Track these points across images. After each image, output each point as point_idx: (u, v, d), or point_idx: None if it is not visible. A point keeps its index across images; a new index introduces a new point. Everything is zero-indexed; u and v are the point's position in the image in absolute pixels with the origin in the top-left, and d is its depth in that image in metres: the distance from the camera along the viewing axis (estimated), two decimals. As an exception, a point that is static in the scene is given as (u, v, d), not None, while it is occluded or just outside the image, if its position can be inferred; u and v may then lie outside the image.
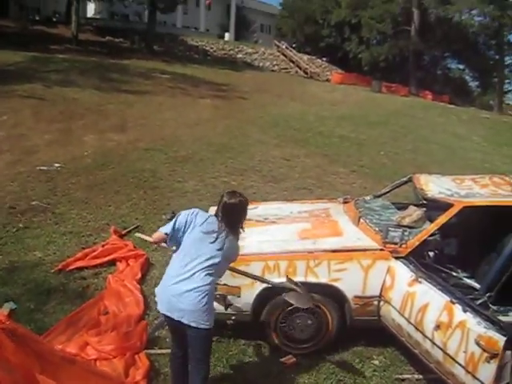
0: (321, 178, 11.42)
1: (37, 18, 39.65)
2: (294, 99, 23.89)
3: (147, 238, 4.11)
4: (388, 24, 46.16)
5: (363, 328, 5.21)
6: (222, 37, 46.94)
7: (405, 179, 6.51)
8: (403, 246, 4.95)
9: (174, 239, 3.95)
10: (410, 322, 4.56)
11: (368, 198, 6.62)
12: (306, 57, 47.85)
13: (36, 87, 17.61)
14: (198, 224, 3.93)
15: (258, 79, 29.81)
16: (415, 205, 5.85)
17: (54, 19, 40.10)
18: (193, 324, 3.76)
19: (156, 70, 25.25)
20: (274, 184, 10.49)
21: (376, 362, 5.12)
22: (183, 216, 3.97)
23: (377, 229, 5.29)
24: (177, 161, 11.19)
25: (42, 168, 10.23)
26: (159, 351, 4.95)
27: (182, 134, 13.86)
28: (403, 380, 4.89)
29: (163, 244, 4.11)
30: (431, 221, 5.28)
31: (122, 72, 23.33)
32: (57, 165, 10.47)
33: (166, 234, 3.96)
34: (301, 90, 28.43)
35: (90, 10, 44.72)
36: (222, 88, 23.61)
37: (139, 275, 6.21)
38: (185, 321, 3.76)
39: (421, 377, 4.92)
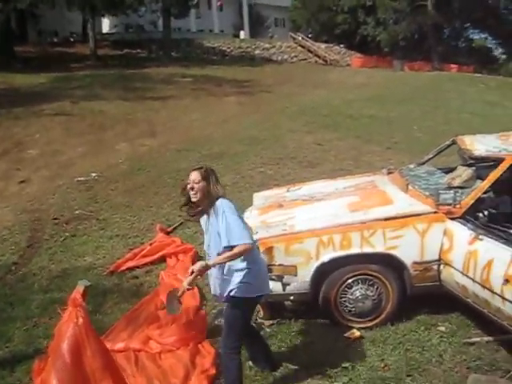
0: (357, 158, 11.28)
1: (55, 40, 40.31)
2: (317, 87, 23.72)
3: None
4: (403, 1, 45.44)
5: (424, 295, 5.09)
6: (238, 36, 46.89)
7: (448, 142, 6.35)
8: (457, 206, 4.81)
9: None
10: (475, 281, 4.41)
11: (412, 166, 6.47)
12: (323, 45, 47.47)
13: (63, 104, 17.87)
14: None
15: (278, 72, 29.73)
16: (463, 165, 5.69)
17: (72, 39, 40.68)
18: None
19: (177, 75, 25.38)
20: (311, 169, 10.41)
21: (442, 329, 4.99)
22: (237, 213, 3.83)
23: (427, 193, 5.15)
24: (211, 157, 11.18)
25: (79, 179, 10.36)
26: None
27: (212, 132, 13.88)
28: (473, 344, 4.74)
29: None
30: (482, 179, 5.13)
31: (144, 80, 23.52)
32: (94, 174, 10.58)
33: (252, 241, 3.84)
34: (323, 77, 28.21)
35: (105, 25, 45.23)
36: (245, 84, 23.58)
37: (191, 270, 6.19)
38: None
39: (491, 338, 4.77)
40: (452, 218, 4.78)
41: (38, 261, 7.06)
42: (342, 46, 48.96)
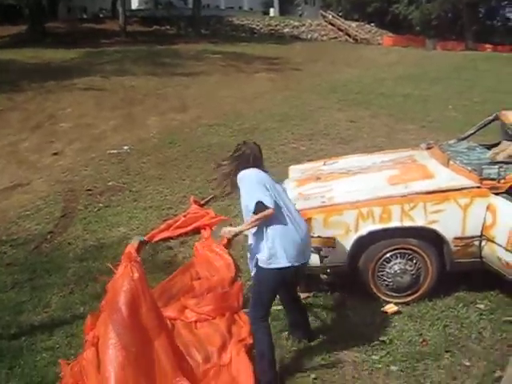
0: (390, 135, 11.09)
1: (84, 17, 40.52)
2: (348, 65, 23.36)
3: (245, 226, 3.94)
4: (438, -22, 44.44)
5: (464, 272, 4.99)
6: (267, 13, 46.43)
7: (490, 118, 6.17)
8: (502, 181, 4.69)
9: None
10: (519, 257, 4.31)
11: (452, 141, 6.32)
12: (354, 24, 46.82)
13: (94, 79, 17.94)
14: (266, 177, 3.93)
15: (308, 50, 29.32)
16: (507, 140, 5.53)
17: (101, 15, 40.79)
18: (309, 258, 4.13)
19: (206, 52, 25.24)
20: (343, 145, 10.27)
21: (481, 306, 4.89)
22: (257, 181, 3.86)
23: (469, 168, 5.02)
24: (242, 133, 11.10)
25: (112, 152, 10.39)
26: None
27: (243, 108, 13.78)
28: (513, 322, 4.66)
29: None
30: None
31: (174, 56, 23.45)
32: (126, 147, 10.61)
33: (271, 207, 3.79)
34: (354, 55, 27.78)
35: (135, 2, 45.14)
36: (274, 62, 23.32)
37: (225, 240, 6.17)
38: (308, 258, 4.08)
39: (532, 317, 4.68)
40: (496, 193, 4.67)
41: (73, 230, 7.14)
42: (372, 24, 48.19)
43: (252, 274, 4.06)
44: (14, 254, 6.55)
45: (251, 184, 3.84)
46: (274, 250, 3.79)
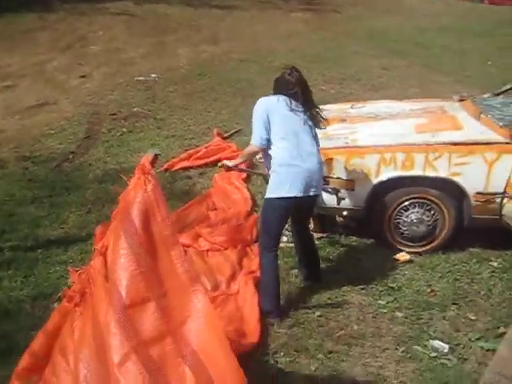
0: (423, 86, 10.75)
1: None
2: (390, 12, 22.47)
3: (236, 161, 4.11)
4: None
5: (480, 228, 4.91)
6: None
7: (530, 74, 5.94)
8: (533, 139, 4.54)
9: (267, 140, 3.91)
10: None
11: (486, 95, 6.12)
12: (399, -31, 44.92)
13: (127, 4, 17.54)
14: (279, 107, 3.89)
15: (349, -8, 28.35)
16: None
17: None
18: (319, 192, 4.08)
19: (244, -14, 24.55)
20: (374, 92, 10.01)
21: (494, 264, 4.83)
22: (260, 114, 3.90)
23: (501, 123, 4.85)
24: (272, 71, 10.71)
25: (139, 78, 10.31)
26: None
27: (276, 46, 13.46)
28: (525, 282, 4.61)
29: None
30: None
31: (210, -12, 22.88)
32: (153, 75, 10.50)
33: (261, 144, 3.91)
34: (397, 2, 26.75)
35: None
36: (313, 2, 22.61)
37: (245, 174, 6.16)
38: (317, 192, 3.97)
39: (546, 278, 4.62)
40: (526, 151, 4.53)
41: (95, 153, 7.20)
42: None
43: None
44: (35, 170, 6.66)
45: (255, 115, 3.93)
46: (277, 180, 3.86)
